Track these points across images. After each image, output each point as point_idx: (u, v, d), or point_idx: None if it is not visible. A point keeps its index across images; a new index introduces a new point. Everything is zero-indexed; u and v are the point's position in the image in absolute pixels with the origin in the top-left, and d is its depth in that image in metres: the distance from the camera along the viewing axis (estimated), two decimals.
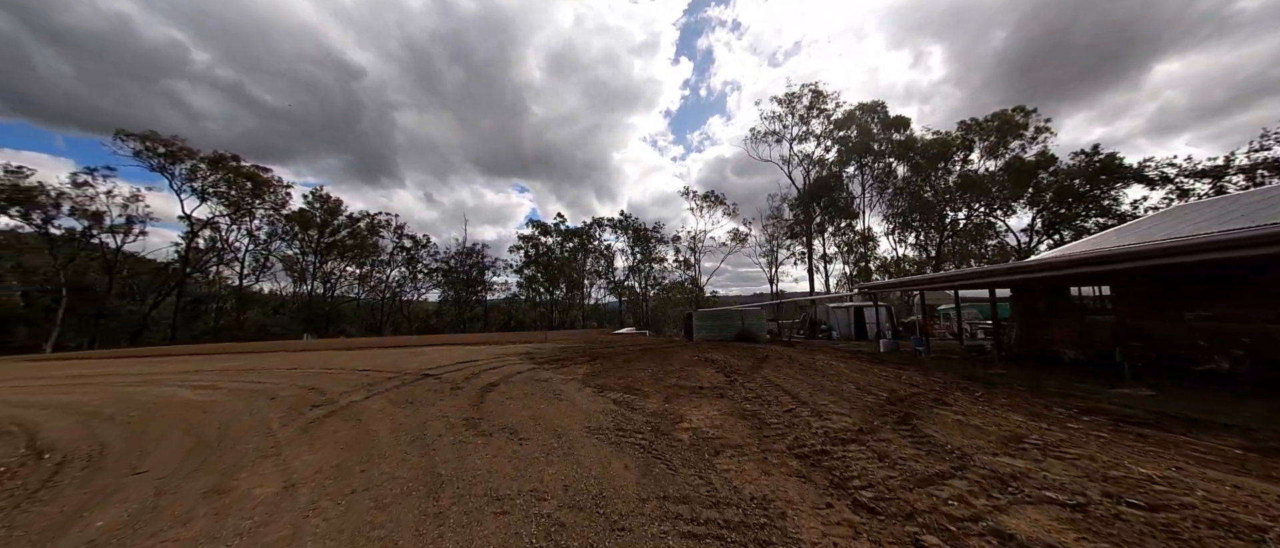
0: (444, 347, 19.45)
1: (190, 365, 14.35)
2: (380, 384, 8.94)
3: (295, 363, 13.78)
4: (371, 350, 18.59)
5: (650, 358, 12.84)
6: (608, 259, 63.22)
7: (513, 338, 24.31)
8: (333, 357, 15.62)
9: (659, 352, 14.85)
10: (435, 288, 61.72)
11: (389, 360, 13.33)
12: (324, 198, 51.74)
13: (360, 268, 57.39)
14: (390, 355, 15.21)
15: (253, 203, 48.44)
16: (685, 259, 58.85)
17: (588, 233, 61.63)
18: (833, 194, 38.87)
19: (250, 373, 11.76)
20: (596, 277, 62.68)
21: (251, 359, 15.97)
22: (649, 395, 7.43)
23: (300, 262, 52.46)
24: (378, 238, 56.89)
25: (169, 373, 12.50)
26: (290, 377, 10.58)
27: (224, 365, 13.95)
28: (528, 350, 15.48)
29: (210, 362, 15.59)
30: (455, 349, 17.04)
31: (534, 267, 59.28)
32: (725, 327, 25.36)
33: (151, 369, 13.70)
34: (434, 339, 25.21)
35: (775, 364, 10.98)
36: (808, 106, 38.69)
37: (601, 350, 15.44)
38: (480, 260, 58.75)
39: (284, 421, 6.28)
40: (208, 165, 43.87)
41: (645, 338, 25.67)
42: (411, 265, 58.83)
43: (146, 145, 40.92)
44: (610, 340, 21.28)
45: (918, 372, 9.97)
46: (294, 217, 49.84)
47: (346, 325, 58.15)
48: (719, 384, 8.40)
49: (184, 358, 18.04)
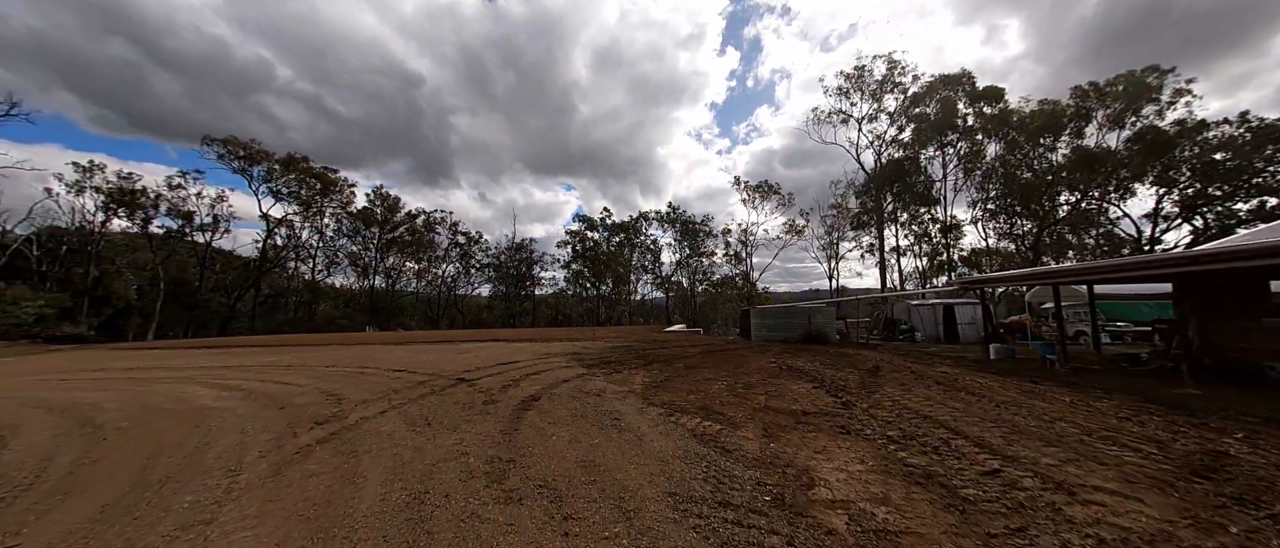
0: (489, 342, 18.31)
1: (241, 359, 13.90)
2: (407, 392, 7.48)
3: (338, 359, 12.92)
4: (418, 346, 17.76)
5: (717, 363, 10.75)
6: (654, 254, 61.35)
7: (560, 334, 22.97)
8: (379, 352, 14.77)
9: (723, 355, 12.70)
10: (486, 283, 62.60)
11: (430, 359, 12.11)
12: (384, 196, 53.48)
13: (418, 264, 59.12)
14: (433, 353, 14.10)
15: (321, 202, 50.83)
16: (736, 253, 55.82)
17: (634, 227, 60.01)
18: (908, 179, 34.58)
19: (287, 370, 10.87)
20: (643, 272, 60.96)
21: (301, 354, 15.45)
22: (739, 426, 5.36)
23: (363, 257, 54.59)
24: (434, 235, 58.34)
25: (214, 367, 11.96)
26: (321, 377, 9.47)
27: (270, 360, 13.35)
28: (575, 350, 13.84)
29: (262, 355, 15.21)
30: (499, 347, 15.75)
31: (581, 261, 58.46)
32: (789, 326, 22.68)
33: (204, 363, 13.34)
34: (481, 334, 24.39)
35: (892, 378, 8.53)
36: (880, 81, 34.57)
37: (655, 352, 13.52)
38: (529, 256, 58.73)
39: (267, 448, 4.82)
40: (281, 167, 46.24)
41: (701, 337, 23.49)
42: (465, 261, 59.87)
43: (228, 148, 43.63)
44: (664, 339, 19.32)
45: (1083, 392, 7.22)
46: (357, 215, 51.80)
47: (406, 318, 60.22)
48: (828, 408, 6.18)
49: (245, 350, 18.05)
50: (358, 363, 11.66)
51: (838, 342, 21.96)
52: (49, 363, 14.25)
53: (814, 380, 8.16)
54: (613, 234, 61.06)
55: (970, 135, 32.43)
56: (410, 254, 57.31)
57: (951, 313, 23.30)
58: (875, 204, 34.82)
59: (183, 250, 50.99)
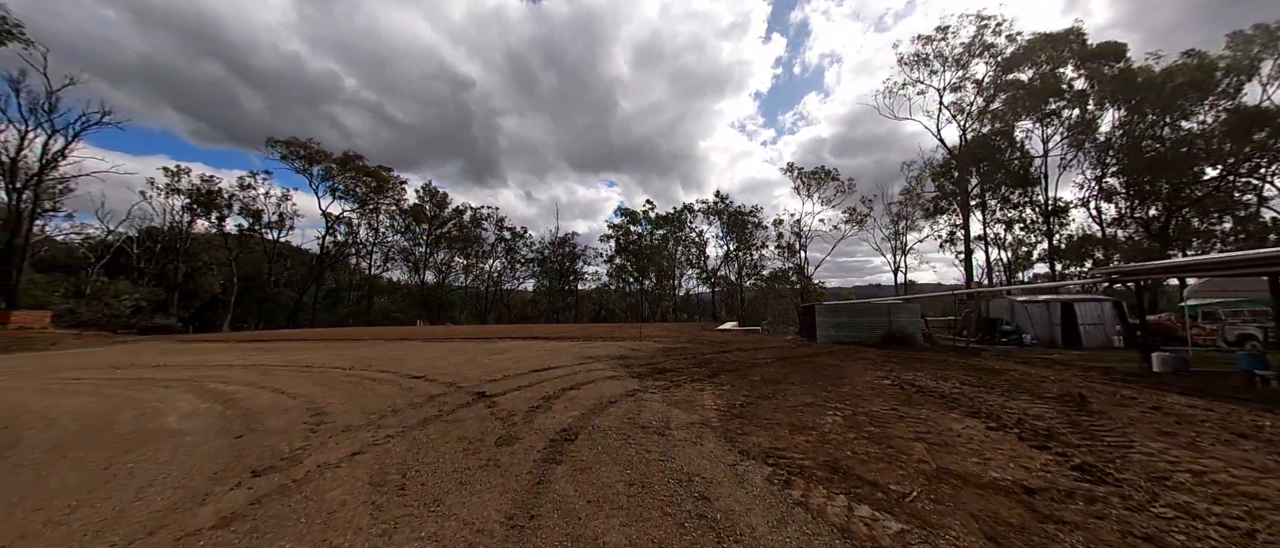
0: (528, 341, 16.62)
1: (268, 357, 12.91)
2: (409, 413, 5.62)
3: (363, 358, 11.56)
4: (455, 343, 16.36)
5: (804, 376, 8.25)
6: (699, 247, 58.52)
7: (603, 332, 21.02)
8: (409, 352, 13.38)
9: (806, 364, 10.12)
10: (531, 278, 62.33)
11: (457, 362, 10.42)
12: (433, 192, 54.09)
13: (466, 259, 59.72)
14: (465, 353, 12.48)
15: (376, 200, 52.15)
16: (788, 245, 51.89)
17: (678, 219, 57.42)
18: (1000, 156, 29.75)
19: (301, 372, 9.48)
20: (687, 266, 58.27)
21: (333, 351, 14.37)
22: (929, 520, 2.94)
23: (414, 253, 55.61)
24: (481, 230, 58.66)
25: (235, 365, 10.89)
26: (327, 384, 7.90)
27: (295, 358, 12.22)
28: (621, 352, 11.72)
29: (296, 352, 14.27)
30: (537, 346, 13.94)
31: (623, 255, 56.66)
32: (863, 325, 19.49)
33: (232, 359, 12.43)
34: (522, 330, 22.89)
35: (1114, 413, 5.70)
36: (966, 44, 29.81)
37: (717, 356, 11.16)
38: (571, 250, 57.66)
39: (158, 517, 2.96)
40: (338, 165, 47.57)
41: (763, 338, 20.76)
42: (510, 256, 59.80)
43: (290, 149, 45.28)
44: (720, 340, 16.84)
45: None
46: (408, 211, 52.68)
47: (456, 312, 61.14)
48: (1061, 480, 3.59)
49: (287, 344, 17.42)
50: (379, 364, 10.17)
51: (924, 343, 18.57)
52: (88, 357, 13.93)
53: (976, 413, 5.50)
54: (656, 227, 58.87)
55: (1080, 102, 27.21)
56: (459, 249, 57.93)
57: (1071, 311, 19.19)
58: (958, 186, 30.27)
59: (257, 247, 54.01)
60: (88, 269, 52.55)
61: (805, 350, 13.09)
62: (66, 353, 15.74)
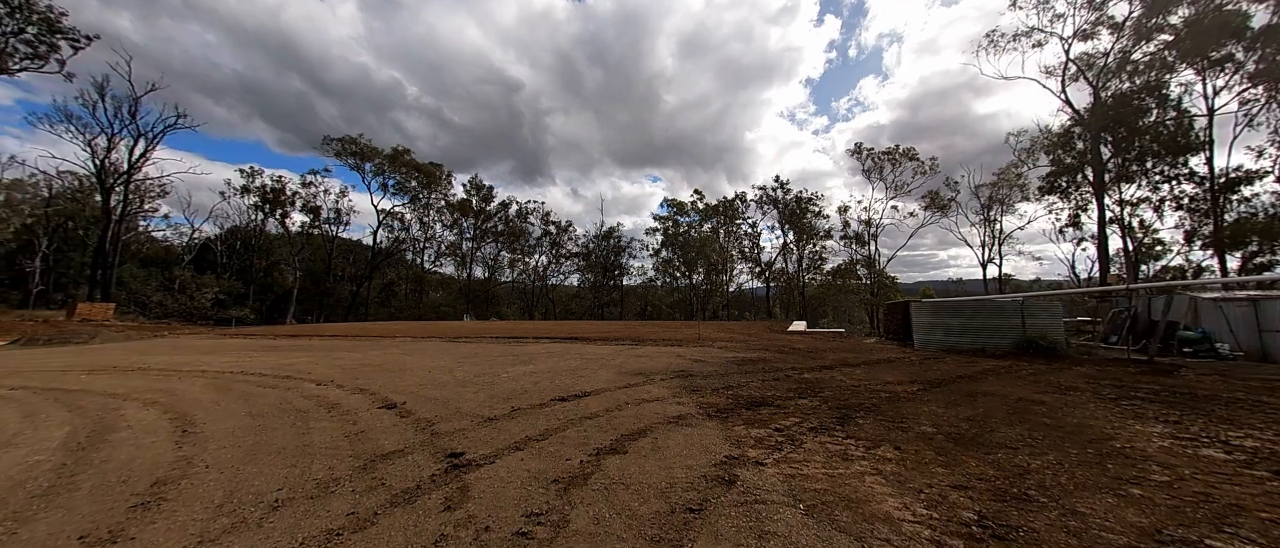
0: (565, 343, 13.94)
1: (262, 359, 11.05)
2: (299, 509, 2.88)
3: (354, 367, 9.32)
4: (478, 344, 14.01)
5: (1004, 419, 4.80)
6: (752, 239, 54.06)
7: (653, 332, 18.01)
8: (422, 355, 11.09)
9: (965, 392, 6.55)
10: (575, 272, 60.63)
11: (466, 375, 7.83)
12: (479, 185, 53.46)
13: (511, 253, 59.01)
14: (482, 361, 9.94)
15: (426, 195, 52.32)
16: (855, 235, 46.41)
17: (730, 209, 53.29)
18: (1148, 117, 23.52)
19: (265, 387, 7.23)
20: (741, 259, 54.05)
21: (333, 355, 12.39)
22: None
23: (461, 247, 55.43)
24: (527, 224, 57.64)
25: (209, 370, 8.99)
26: (254, 416, 5.47)
27: (287, 362, 10.22)
28: (681, 366, 8.64)
29: (300, 351, 12.43)
30: (574, 351, 11.17)
31: (671, 248, 53.41)
32: (983, 328, 15.19)
33: (221, 360, 10.67)
34: (561, 329, 20.35)
35: None
36: None
37: (815, 375, 7.84)
38: (617, 242, 55.15)
39: None
40: (388, 161, 47.82)
41: (850, 341, 16.91)
42: (555, 249, 58.34)
43: (344, 146, 45.90)
44: (805, 346, 13.31)
45: None
46: (455, 205, 52.40)
47: (502, 307, 60.70)
48: None
49: (306, 341, 15.91)
50: (369, 375, 7.80)
51: (1079, 355, 14.02)
52: (85, 354, 12.71)
53: None
54: (705, 219, 55.10)
55: (1269, 42, 20.65)
56: (505, 244, 57.26)
57: None
58: (1092, 154, 24.17)
59: (319, 243, 55.99)
60: (179, 264, 56.38)
61: (943, 368, 9.37)
62: (70, 349, 15.02)
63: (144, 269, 50.85)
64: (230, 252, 58.66)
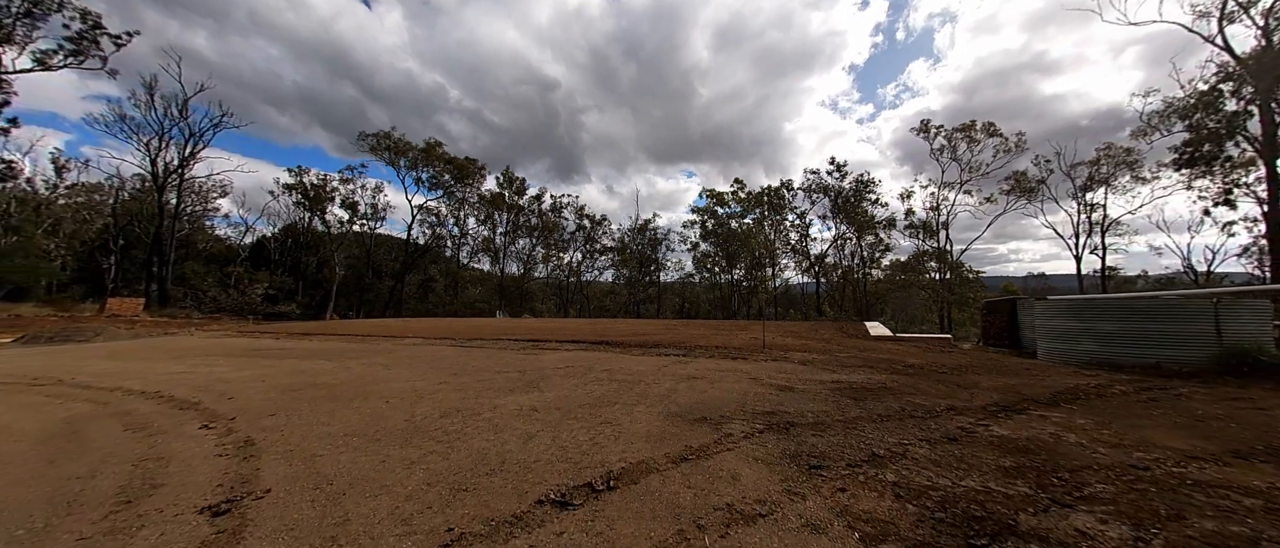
0: (593, 350, 11.09)
1: (225, 369, 8.86)
2: None
3: (314, 382, 6.82)
4: (487, 352, 11.41)
5: None
6: (801, 230, 49.43)
7: (701, 334, 14.86)
8: (414, 364, 8.55)
9: None
10: (610, 268, 58.18)
11: (445, 404, 5.08)
12: (512, 178, 51.93)
13: (546, 248, 57.39)
14: (481, 375, 7.22)
15: (461, 191, 51.42)
16: (923, 223, 41.10)
17: (775, 198, 48.93)
18: None
19: (149, 422, 4.78)
20: (789, 251, 49.62)
21: (326, 358, 10.11)
22: None
23: (494, 242, 54.26)
24: (561, 219, 55.81)
25: (188, 372, 6.82)
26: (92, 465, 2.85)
27: (222, 377, 7.92)
28: (761, 398, 5.44)
29: (268, 361, 10.30)
30: (602, 364, 8.26)
31: (711, 241, 49.78)
32: (1155, 335, 11.05)
33: (163, 369, 8.58)
34: (591, 329, 17.56)
35: None
36: None
37: (985, 412, 4.56)
38: (653, 236, 52.11)
39: None
40: (422, 155, 47.03)
41: (957, 349, 13.11)
42: (589, 244, 56.13)
43: (379, 141, 45.40)
44: (925, 361, 9.74)
45: None
46: (486, 199, 51.15)
47: (536, 303, 59.26)
48: None
49: (320, 341, 14.00)
50: (303, 403, 5.25)
51: None
52: (71, 354, 11.04)
53: None
54: (746, 210, 51.02)
55: None
56: (539, 238, 55.66)
57: None
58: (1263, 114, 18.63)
59: (359, 239, 56.48)
60: (234, 261, 58.35)
61: (1240, 413, 5.75)
62: (44, 350, 13.71)
63: (204, 266, 52.86)
64: (283, 248, 60.47)
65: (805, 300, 50.19)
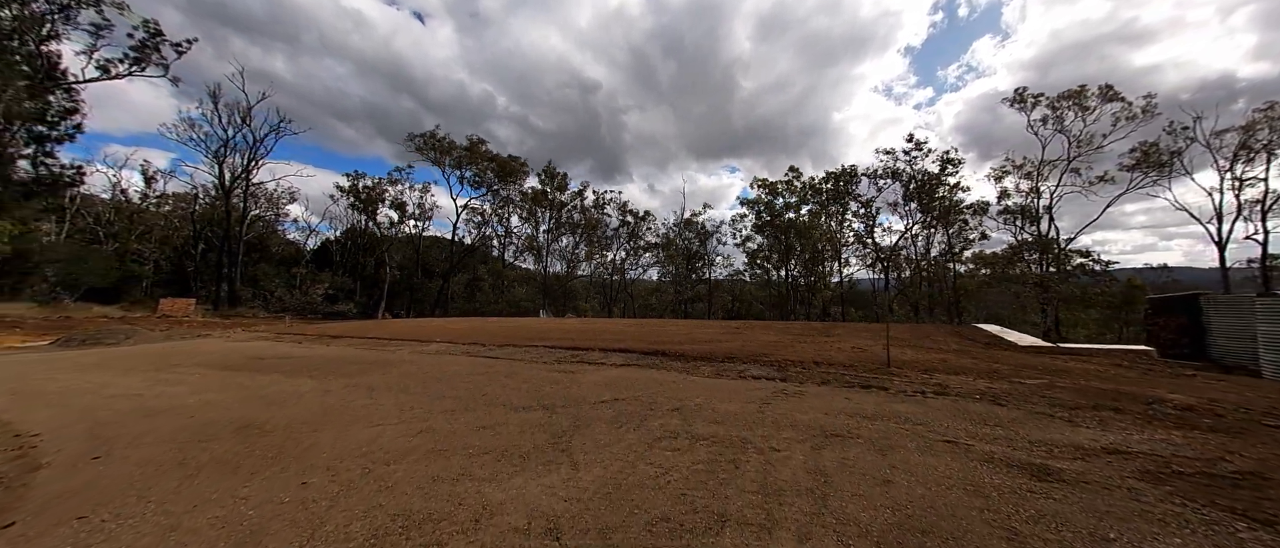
0: (644, 369, 8.29)
1: (190, 384, 6.90)
2: None
3: (263, 422, 4.49)
4: (511, 366, 8.94)
5: None
6: (867, 220, 44.25)
7: (776, 342, 11.66)
8: (399, 392, 6.16)
9: None
10: (654, 264, 55.42)
11: (452, 462, 2.45)
12: (553, 174, 50.45)
13: (589, 246, 55.66)
14: (491, 408, 4.62)
15: (505, 190, 50.64)
16: (1021, 209, 35.11)
17: (839, 186, 44.07)
18: None
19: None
20: (856, 243, 44.63)
21: (318, 377, 8.02)
22: None
23: (537, 239, 53.11)
24: (603, 215, 53.84)
25: (195, 389, 4.89)
26: None
27: (210, 398, 5.83)
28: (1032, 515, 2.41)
29: (252, 378, 8.34)
30: (667, 392, 5.43)
31: (765, 234, 45.73)
32: None
33: (129, 382, 6.73)
34: (641, 334, 14.77)
35: None
36: None
37: None
38: (701, 229, 48.71)
39: None
40: (466, 153, 46.49)
41: (1166, 364, 9.12)
42: (633, 240, 53.71)
43: (425, 141, 45.23)
44: (1197, 401, 6.16)
45: None
46: (528, 196, 50.01)
47: (579, 301, 57.68)
48: None
49: (331, 345, 12.26)
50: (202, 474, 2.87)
51: None
52: (70, 359, 9.68)
53: None
54: (803, 199, 46.43)
55: None
56: (581, 236, 53.98)
57: None
58: None
59: (408, 240, 57.32)
60: (299, 263, 60.94)
61: None
62: (53, 354, 12.69)
63: (274, 267, 55.47)
64: (343, 250, 62.75)
65: (872, 299, 44.99)
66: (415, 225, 51.51)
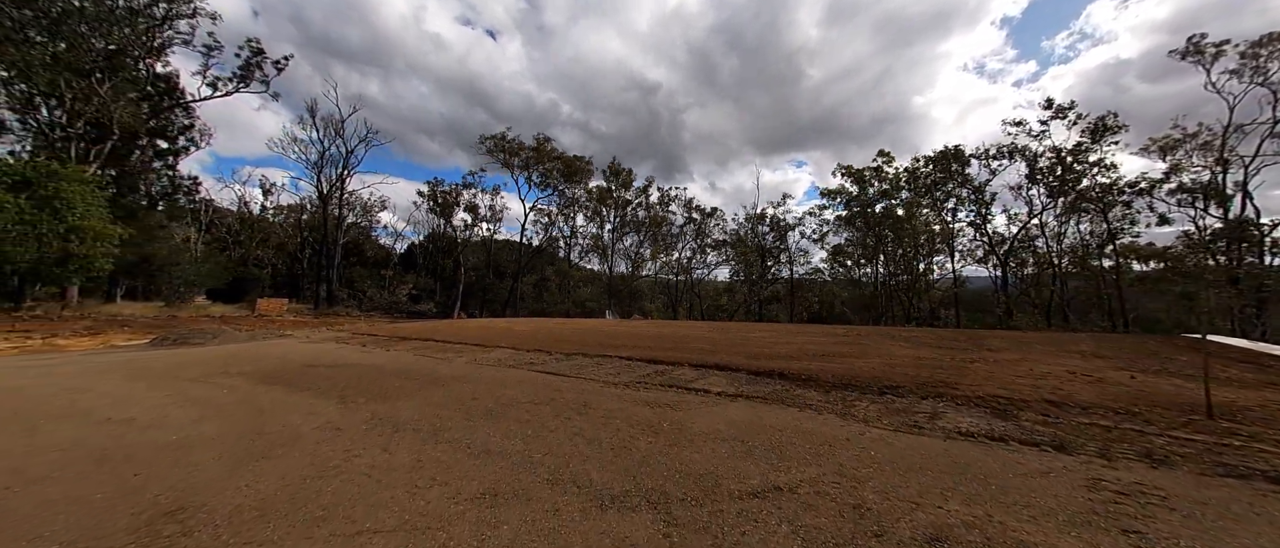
0: (774, 406, 5.68)
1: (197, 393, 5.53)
2: None
3: (310, 458, 2.61)
4: (600, 393, 6.77)
5: None
6: (980, 208, 37.55)
7: (915, 355, 8.45)
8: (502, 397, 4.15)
9: None
10: (722, 263, 52.01)
11: None
12: (618, 170, 49.01)
13: (653, 245, 53.69)
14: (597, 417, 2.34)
15: (568, 186, 50.22)
16: (1204, 186, 27.42)
17: (946, 169, 37.88)
18: None
19: None
20: (971, 231, 38.22)
21: (383, 392, 6.43)
22: None
23: (603, 239, 52.04)
24: (668, 211, 51.58)
25: (206, 400, 3.54)
26: None
27: (208, 429, 4.27)
28: None
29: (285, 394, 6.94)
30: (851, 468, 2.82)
31: (856, 225, 40.68)
32: None
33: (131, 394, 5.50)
34: (728, 342, 12.07)
35: None
36: None
37: None
38: (778, 223, 44.57)
39: None
40: (534, 153, 46.51)
41: None
42: (700, 238, 50.82)
43: (495, 143, 45.85)
44: None
45: None
46: (593, 195, 49.01)
47: (645, 302, 55.90)
48: None
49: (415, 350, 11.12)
50: None
51: None
52: (119, 360, 9.18)
53: None
54: (895, 187, 40.59)
55: None
56: (646, 234, 52.13)
57: None
58: None
59: (481, 243, 59.09)
60: (387, 265, 65.32)
61: None
62: (125, 358, 12.61)
63: (368, 270, 59.89)
64: (426, 253, 66.53)
65: (992, 299, 38.14)
66: (487, 228, 52.76)
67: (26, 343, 13.00)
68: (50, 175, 15.17)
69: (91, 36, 20.00)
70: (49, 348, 12.55)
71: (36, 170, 15.17)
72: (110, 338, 14.01)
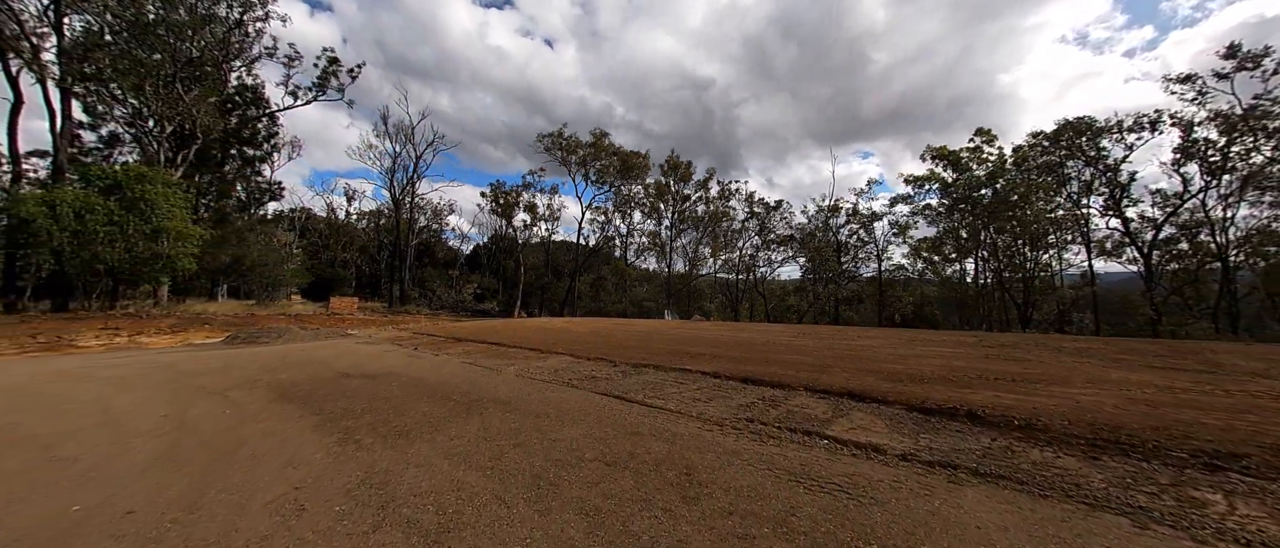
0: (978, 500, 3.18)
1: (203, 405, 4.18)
2: None
3: None
4: (686, 430, 4.64)
5: None
6: (1112, 191, 30.95)
7: (1125, 382, 5.48)
8: (559, 441, 2.27)
9: None
10: (788, 260, 47.96)
11: None
12: (676, 164, 46.80)
13: (713, 242, 50.89)
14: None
15: (622, 183, 48.88)
16: None
17: (1071, 145, 31.76)
18: None
19: None
20: (1109, 213, 31.88)
21: (418, 421, 4.86)
22: None
23: (660, 236, 50.10)
24: (728, 207, 48.55)
25: None
26: None
27: None
28: None
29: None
30: None
31: (955, 216, 35.51)
32: None
33: None
34: (836, 354, 9.49)
35: None
36: None
37: None
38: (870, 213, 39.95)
39: None
40: (590, 149, 45.67)
41: None
42: (762, 234, 47.28)
43: (553, 141, 45.53)
44: None
45: None
46: (651, 191, 47.18)
47: (705, 303, 53.27)
48: None
49: (466, 354, 9.89)
50: None
51: None
52: (162, 359, 8.53)
53: None
54: (999, 170, 34.71)
55: None
56: (705, 230, 49.48)
57: None
58: None
59: (547, 244, 59.53)
60: (454, 265, 67.88)
61: None
62: (218, 351, 12.27)
63: (437, 270, 62.66)
64: (489, 254, 68.63)
65: (1125, 302, 31.40)
66: (546, 228, 52.80)
67: (114, 340, 13.26)
68: (138, 178, 16.21)
69: (179, 44, 21.43)
70: (132, 345, 12.70)
71: (126, 174, 16.26)
72: (190, 336, 14.15)
